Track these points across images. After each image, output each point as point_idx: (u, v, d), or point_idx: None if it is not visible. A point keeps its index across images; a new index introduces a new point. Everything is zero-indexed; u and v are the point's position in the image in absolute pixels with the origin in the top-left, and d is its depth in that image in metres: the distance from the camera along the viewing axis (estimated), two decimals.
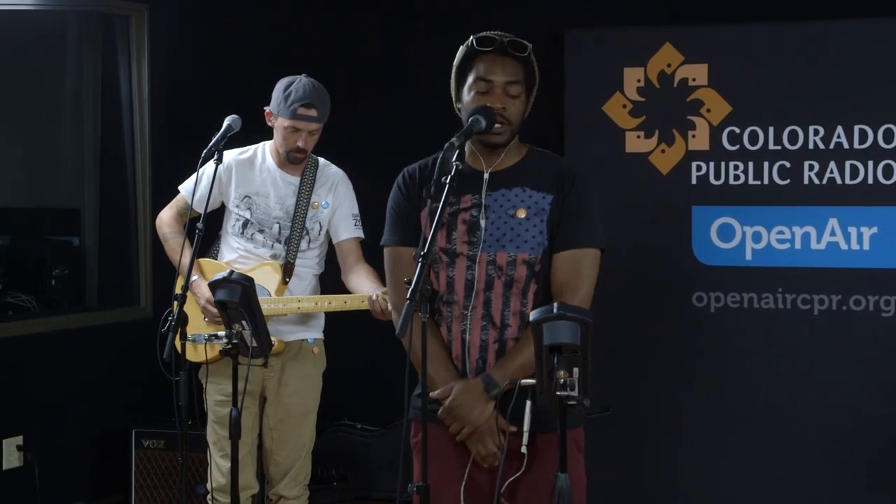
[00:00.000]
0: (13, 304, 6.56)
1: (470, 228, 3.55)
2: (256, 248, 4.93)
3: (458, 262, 3.56)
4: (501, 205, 3.55)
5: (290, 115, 4.81)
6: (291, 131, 4.85)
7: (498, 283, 3.52)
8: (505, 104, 3.53)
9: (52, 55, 7.19)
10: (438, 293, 3.59)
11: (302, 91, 4.81)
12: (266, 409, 4.96)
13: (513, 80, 3.53)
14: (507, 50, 3.53)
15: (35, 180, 7.48)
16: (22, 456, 5.80)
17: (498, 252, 3.52)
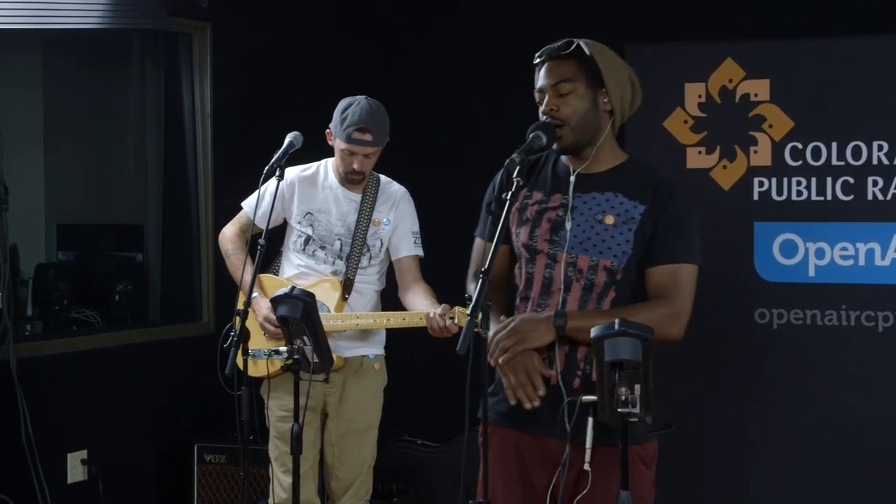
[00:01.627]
0: (78, 320, 6.63)
1: (553, 227, 3.54)
2: (318, 264, 4.96)
3: (538, 259, 3.56)
4: (591, 208, 3.53)
5: (346, 138, 4.84)
6: (347, 154, 4.88)
7: (576, 286, 3.51)
8: (556, 105, 3.52)
9: (116, 73, 7.27)
10: (517, 288, 3.60)
11: (357, 115, 4.82)
12: (327, 424, 4.98)
13: (559, 79, 3.52)
14: (553, 53, 3.54)
15: (100, 197, 7.55)
16: (86, 470, 5.84)
17: (580, 255, 3.50)
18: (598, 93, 3.55)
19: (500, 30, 6.71)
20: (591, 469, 3.37)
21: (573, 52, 3.54)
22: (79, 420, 5.86)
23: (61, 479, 5.70)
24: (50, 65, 7.46)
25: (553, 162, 3.66)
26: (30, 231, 7.17)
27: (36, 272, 6.73)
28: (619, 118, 3.61)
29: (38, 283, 6.68)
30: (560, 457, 3.43)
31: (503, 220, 3.31)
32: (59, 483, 5.60)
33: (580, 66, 3.53)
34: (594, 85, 3.54)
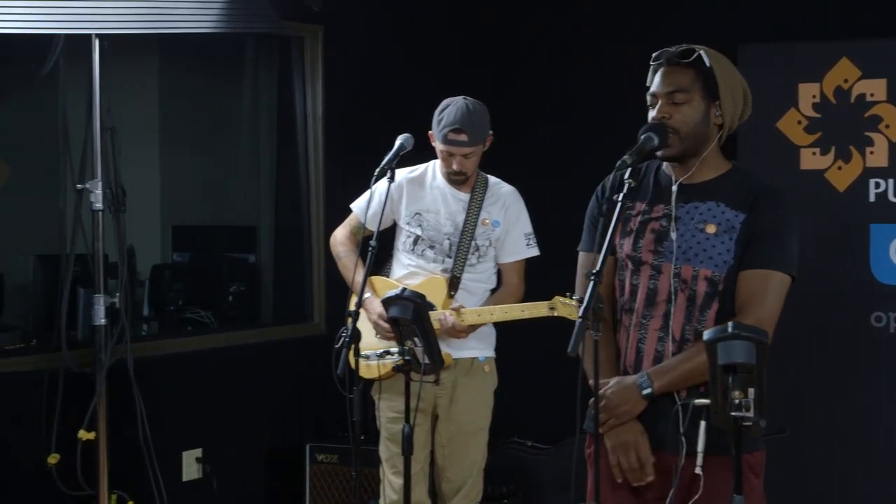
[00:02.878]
0: (192, 320, 6.72)
1: (658, 238, 3.51)
2: (427, 263, 4.98)
3: (642, 270, 3.53)
4: (693, 217, 3.49)
5: (442, 139, 4.85)
6: (446, 155, 4.89)
7: (681, 297, 3.47)
8: (669, 113, 3.47)
9: (230, 77, 7.37)
10: (621, 300, 3.58)
11: (453, 116, 4.83)
12: (438, 426, 5.00)
13: (675, 88, 3.47)
14: (672, 59, 3.50)
15: (214, 199, 7.65)
16: (201, 468, 5.93)
17: (684, 265, 3.47)
18: (711, 105, 3.49)
19: (609, 30, 6.68)
20: (703, 474, 3.33)
21: (693, 61, 3.49)
22: (193, 419, 5.94)
23: (176, 477, 5.79)
24: (165, 69, 7.58)
25: (655, 172, 3.61)
26: (146, 233, 7.29)
27: (152, 273, 6.83)
28: (728, 130, 3.55)
29: (153, 284, 6.78)
30: (670, 468, 3.40)
31: (614, 223, 3.29)
32: (174, 481, 5.68)
33: (698, 77, 3.48)
34: (709, 97, 3.49)
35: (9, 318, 6.13)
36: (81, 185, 4.82)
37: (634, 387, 3.44)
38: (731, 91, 3.51)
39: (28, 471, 5.09)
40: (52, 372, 4.95)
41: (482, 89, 5.15)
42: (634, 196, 3.56)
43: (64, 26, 4.67)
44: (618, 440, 3.47)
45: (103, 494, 4.86)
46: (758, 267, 3.43)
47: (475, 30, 7.01)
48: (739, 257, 3.45)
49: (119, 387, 4.98)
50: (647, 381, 3.43)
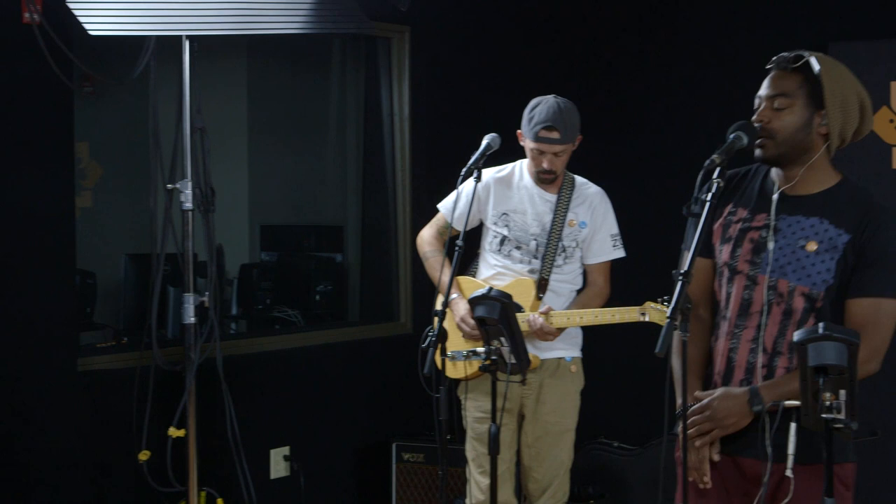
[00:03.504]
0: (280, 319, 6.77)
1: (756, 248, 3.46)
2: (514, 264, 4.97)
3: (737, 279, 3.48)
4: (794, 231, 3.43)
5: (533, 137, 4.84)
6: (536, 153, 4.88)
7: (776, 310, 3.42)
8: (768, 117, 3.41)
9: (317, 77, 7.41)
10: (718, 306, 3.54)
11: (544, 114, 4.81)
12: (524, 426, 4.99)
13: (778, 93, 3.40)
14: (781, 64, 3.44)
15: (301, 199, 7.71)
16: (288, 466, 5.97)
17: (780, 279, 3.41)
18: (815, 114, 3.41)
19: (702, 30, 6.62)
20: (793, 477, 3.29)
21: (801, 66, 3.41)
22: (281, 417, 5.99)
23: (264, 475, 5.84)
24: (254, 69, 7.65)
25: (761, 178, 3.55)
26: (235, 232, 7.37)
27: (240, 272, 6.90)
28: (838, 142, 3.44)
29: (242, 283, 6.85)
30: (758, 475, 3.36)
31: (703, 222, 3.26)
32: (262, 478, 5.73)
33: (804, 84, 3.40)
34: (813, 105, 3.40)
35: (101, 317, 6.22)
36: (172, 185, 4.87)
37: (745, 402, 3.39)
38: (842, 102, 3.40)
39: (119, 467, 5.17)
40: (142, 370, 5.01)
41: (569, 90, 5.13)
42: (738, 202, 3.51)
43: (155, 28, 4.72)
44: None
45: (193, 491, 4.91)
46: (869, 295, 3.35)
47: (563, 29, 6.98)
48: (839, 277, 3.37)
49: (208, 384, 5.03)
50: (758, 397, 3.37)
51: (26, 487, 5.00)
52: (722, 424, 3.41)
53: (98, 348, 5.60)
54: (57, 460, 5.10)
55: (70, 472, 5.15)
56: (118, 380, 5.21)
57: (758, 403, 3.36)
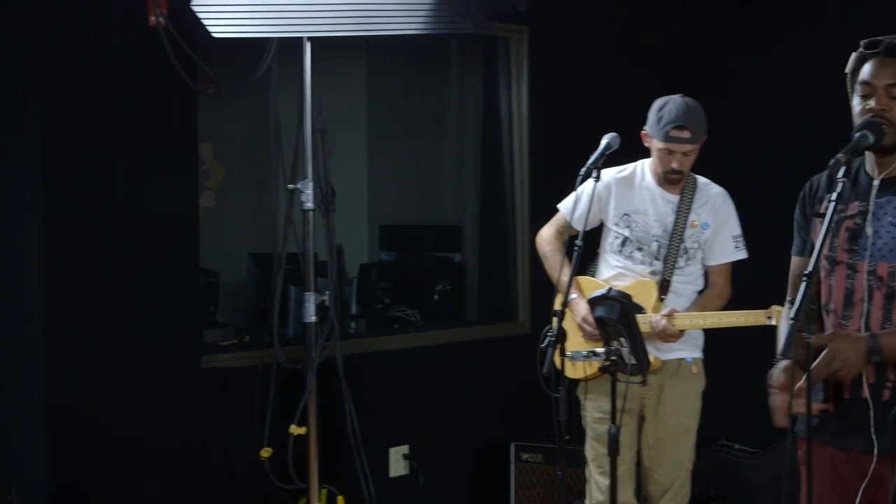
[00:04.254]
0: (399, 318, 6.81)
1: (852, 236, 3.41)
2: (635, 265, 4.94)
3: (837, 270, 3.43)
4: (887, 212, 3.38)
5: (663, 137, 4.80)
6: (665, 153, 4.83)
7: (878, 295, 3.36)
8: (888, 105, 3.35)
9: (436, 77, 7.44)
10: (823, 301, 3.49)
11: (674, 113, 4.77)
12: (644, 427, 4.95)
13: (893, 81, 3.36)
14: (891, 51, 3.38)
15: (420, 198, 7.74)
16: (407, 464, 6.00)
17: (879, 262, 3.36)
18: None
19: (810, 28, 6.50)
20: None
21: None
22: (400, 416, 6.02)
23: (384, 473, 5.87)
24: (374, 70, 7.69)
25: (855, 171, 3.50)
26: (354, 232, 7.42)
27: (360, 272, 6.95)
28: None
29: (361, 283, 6.91)
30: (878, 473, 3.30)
31: (827, 223, 3.20)
32: (381, 476, 5.77)
33: None
34: None
35: (224, 315, 6.31)
36: (293, 186, 4.91)
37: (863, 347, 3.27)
38: None
39: (242, 464, 5.23)
40: (264, 368, 5.06)
41: (690, 89, 5.07)
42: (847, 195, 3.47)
43: (276, 30, 4.77)
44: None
45: (314, 489, 4.95)
46: None
47: (683, 28, 6.92)
48: None
49: (329, 383, 5.07)
50: (876, 345, 3.27)
51: (151, 484, 5.09)
52: (839, 369, 3.27)
53: (221, 346, 5.68)
54: (180, 457, 5.18)
55: (193, 468, 5.22)
56: (240, 378, 5.28)
57: (876, 354, 3.27)
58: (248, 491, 5.31)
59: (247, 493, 5.33)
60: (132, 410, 5.04)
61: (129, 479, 5.02)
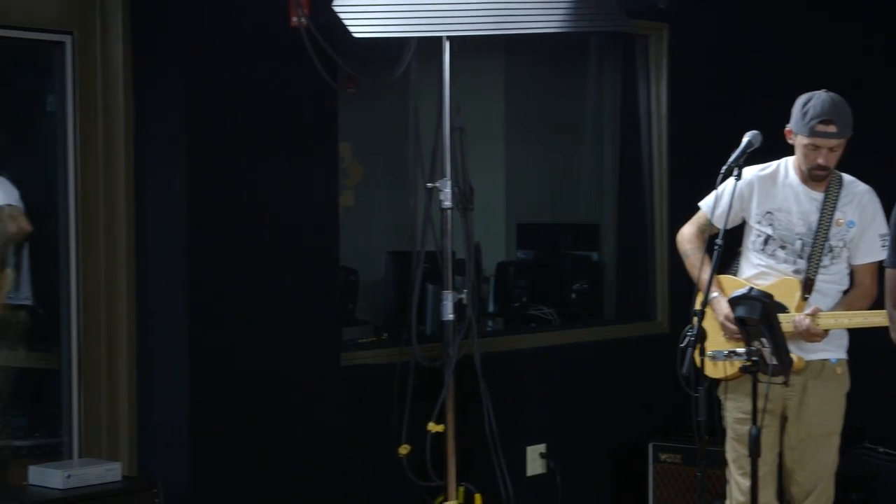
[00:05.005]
0: (536, 317, 6.80)
1: None
2: (778, 263, 4.87)
3: None
4: None
5: (808, 132, 4.71)
6: (811, 149, 4.75)
7: None
8: None
9: (574, 75, 7.42)
10: None
11: (820, 107, 4.69)
12: (787, 428, 4.88)
13: None
14: None
15: (557, 197, 7.72)
16: (544, 463, 6.00)
17: None
18: None
19: None
20: None
21: None
22: (537, 414, 6.02)
23: (521, 472, 5.88)
24: (512, 68, 7.70)
25: None
26: (492, 230, 7.42)
27: (497, 270, 6.96)
28: None
29: (499, 281, 6.90)
30: None
31: None
32: (518, 475, 5.77)
33: None
34: None
35: (362, 313, 6.36)
36: (431, 184, 4.94)
37: None
38: None
39: (380, 461, 5.28)
40: (402, 365, 5.10)
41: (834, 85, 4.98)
42: None
43: (417, 29, 4.81)
44: None
45: (451, 486, 4.98)
46: None
47: (826, 24, 6.80)
48: None
49: (466, 381, 5.09)
50: None
51: (290, 479, 5.16)
52: None
53: (360, 343, 5.73)
54: (320, 453, 5.24)
55: (332, 464, 5.28)
56: (378, 375, 5.33)
57: None
58: (386, 488, 5.36)
59: (384, 490, 5.38)
60: (273, 407, 5.12)
61: (268, 475, 5.09)
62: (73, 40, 4.89)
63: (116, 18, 4.92)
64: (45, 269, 5.18)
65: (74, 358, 4.94)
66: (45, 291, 5.22)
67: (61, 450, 5.02)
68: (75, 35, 4.89)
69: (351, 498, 5.35)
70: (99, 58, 4.94)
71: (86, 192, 4.93)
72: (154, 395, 5.00)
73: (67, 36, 4.89)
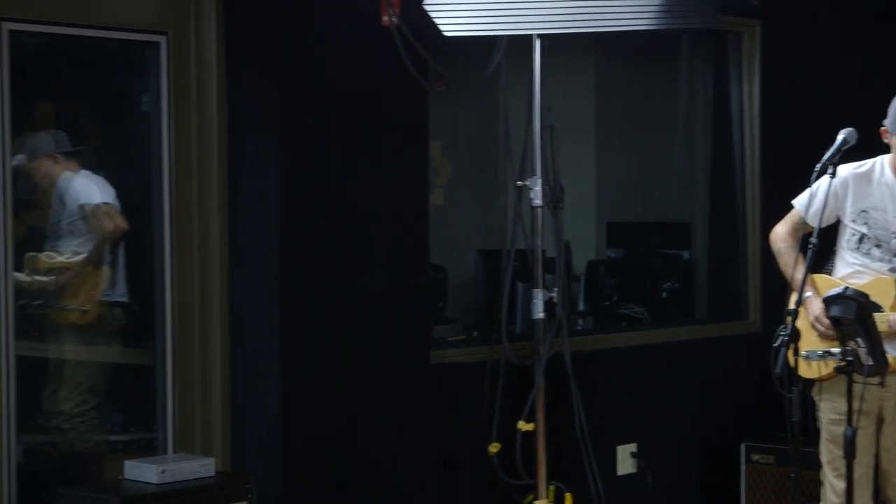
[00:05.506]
0: (626, 316, 6.78)
1: None
2: (873, 262, 4.80)
3: None
4: None
5: None
6: None
7: None
8: None
9: (664, 73, 7.38)
10: None
11: None
12: (883, 429, 4.80)
13: None
14: None
15: (648, 195, 7.69)
16: (635, 463, 5.97)
17: None
18: None
19: None
20: None
21: None
22: (627, 414, 6.00)
23: (611, 471, 5.85)
24: (602, 66, 7.68)
25: None
26: (582, 228, 7.41)
27: (587, 269, 6.95)
28: None
29: (589, 280, 6.89)
30: None
31: None
32: (609, 474, 5.74)
33: None
34: None
35: (452, 311, 6.38)
36: (521, 183, 4.95)
37: None
38: None
39: (469, 459, 5.29)
40: (492, 363, 5.11)
41: None
42: None
43: (507, 28, 4.82)
44: None
45: (542, 485, 4.98)
46: None
47: None
48: None
49: (556, 379, 5.08)
50: None
51: (379, 476, 5.18)
52: None
53: (449, 342, 5.75)
54: (409, 450, 5.26)
55: (422, 461, 5.30)
56: (468, 373, 5.34)
57: None
58: (476, 486, 5.37)
59: (474, 488, 5.39)
60: (364, 403, 5.15)
61: (359, 470, 5.12)
62: (167, 40, 4.95)
63: (210, 19, 4.98)
64: (140, 266, 5.25)
65: (169, 354, 5.01)
66: (139, 289, 5.30)
67: (156, 445, 5.08)
68: (170, 35, 4.95)
69: (441, 496, 5.37)
70: (193, 58, 5.00)
71: (180, 191, 5.00)
72: (246, 391, 5.05)
73: (162, 36, 4.95)
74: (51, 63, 5.22)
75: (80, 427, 5.39)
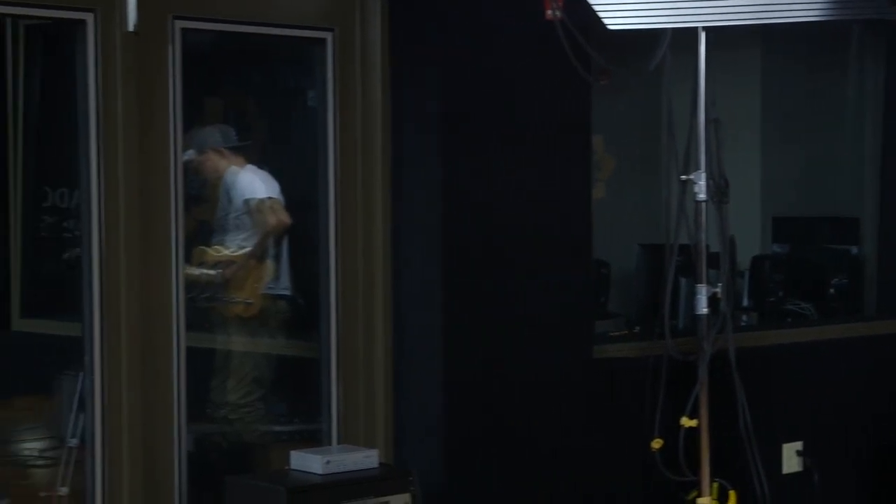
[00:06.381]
0: (792, 312, 6.67)
1: None
2: None
3: None
4: None
5: None
6: None
7: None
8: None
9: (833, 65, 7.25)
10: None
11: None
12: None
13: None
14: None
15: (815, 189, 7.56)
16: (801, 461, 5.87)
17: None
18: None
19: None
20: None
21: None
22: (793, 411, 5.90)
23: (776, 469, 5.76)
24: (768, 59, 7.56)
25: None
26: (746, 223, 7.31)
27: (752, 264, 6.85)
28: None
29: (753, 275, 6.80)
30: None
31: None
32: (774, 472, 5.66)
33: None
34: None
35: (614, 306, 6.36)
36: (685, 177, 4.89)
37: None
38: None
39: (631, 454, 5.25)
40: (655, 359, 5.07)
41: None
42: None
43: (672, 20, 4.76)
44: None
45: (705, 482, 4.92)
46: None
47: None
48: None
49: (720, 376, 5.02)
50: None
51: (540, 470, 5.18)
52: None
53: (611, 336, 5.73)
54: (570, 445, 5.25)
55: (582, 456, 5.29)
56: (630, 368, 5.31)
57: None
58: (638, 481, 5.33)
59: (636, 484, 5.36)
60: (525, 398, 5.15)
61: (519, 467, 5.13)
62: (333, 37, 5.01)
63: (376, 15, 5.03)
64: (304, 260, 5.33)
65: (333, 347, 5.07)
66: (303, 282, 5.38)
67: (319, 436, 5.15)
68: (336, 32, 5.01)
69: (603, 490, 5.35)
70: (358, 54, 5.05)
71: (344, 187, 5.05)
72: (409, 384, 5.09)
73: (329, 33, 5.01)
74: (220, 59, 5.33)
75: (247, 417, 5.50)
